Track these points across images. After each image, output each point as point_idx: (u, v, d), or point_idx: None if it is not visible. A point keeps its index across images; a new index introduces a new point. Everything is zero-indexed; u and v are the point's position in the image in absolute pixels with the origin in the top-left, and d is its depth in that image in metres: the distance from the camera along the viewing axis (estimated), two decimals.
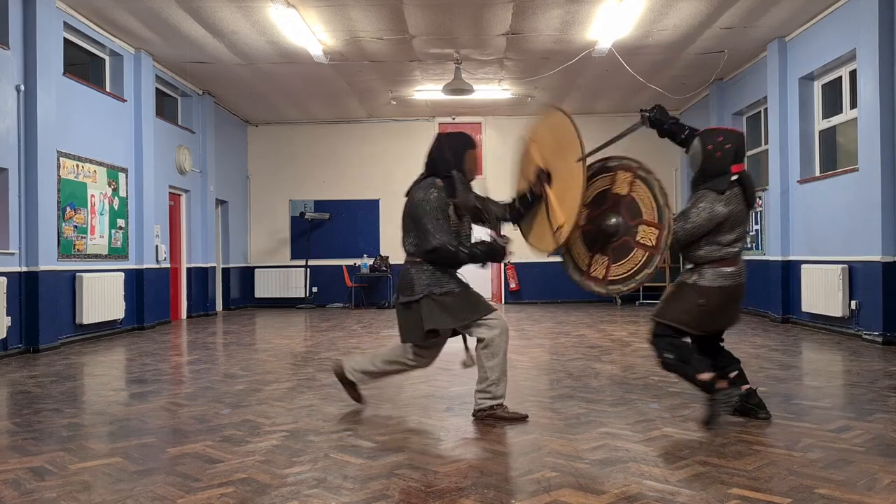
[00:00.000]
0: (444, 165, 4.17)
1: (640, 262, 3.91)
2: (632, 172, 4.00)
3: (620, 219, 3.99)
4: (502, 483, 2.96)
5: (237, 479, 3.04)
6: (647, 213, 3.91)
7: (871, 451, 3.36)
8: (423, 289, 4.04)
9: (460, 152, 4.22)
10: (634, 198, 3.96)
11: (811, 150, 9.43)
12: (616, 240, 3.99)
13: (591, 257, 4.04)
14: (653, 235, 3.87)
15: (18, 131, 7.58)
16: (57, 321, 7.96)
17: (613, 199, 4.01)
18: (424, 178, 4.21)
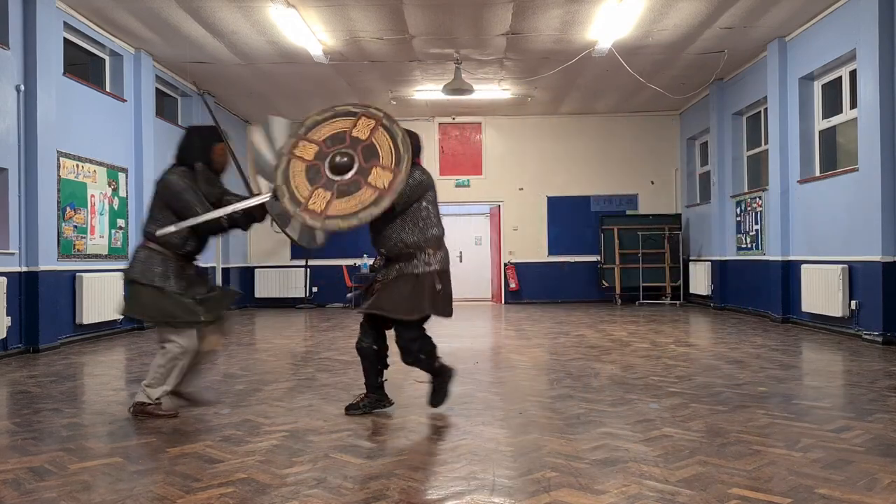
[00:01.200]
0: (190, 157, 4.33)
1: (367, 201, 3.88)
2: (375, 120, 4.03)
3: (354, 158, 3.96)
4: (502, 483, 2.96)
5: (237, 479, 3.04)
6: (385, 159, 3.93)
7: (871, 451, 3.36)
8: (134, 272, 4.17)
9: (208, 144, 4.39)
10: (374, 142, 3.97)
11: (811, 150, 9.43)
12: (345, 178, 3.93)
13: (312, 191, 3.94)
14: (386, 179, 3.89)
15: (18, 131, 7.58)
16: (57, 321, 7.96)
17: (351, 140, 4.01)
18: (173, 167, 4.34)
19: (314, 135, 4.04)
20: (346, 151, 3.97)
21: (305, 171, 4.00)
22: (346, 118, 4.08)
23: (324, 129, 4.04)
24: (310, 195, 3.95)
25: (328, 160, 3.98)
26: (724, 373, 5.67)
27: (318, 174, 3.98)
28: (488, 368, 6.26)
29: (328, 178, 3.95)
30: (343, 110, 4.12)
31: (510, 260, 14.94)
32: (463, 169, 15.10)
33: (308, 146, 4.03)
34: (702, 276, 12.90)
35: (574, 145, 14.89)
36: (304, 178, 3.99)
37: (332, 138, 4.01)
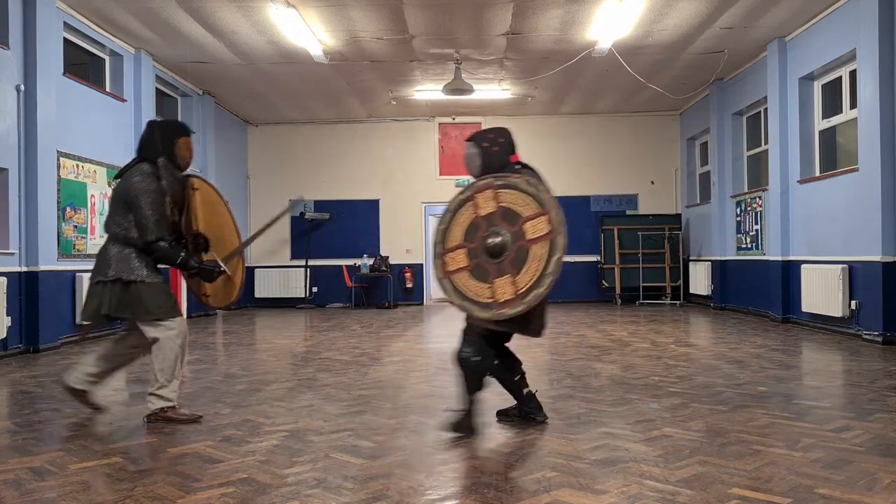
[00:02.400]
0: (152, 151, 4.20)
1: (544, 255, 3.65)
2: (489, 188, 3.80)
3: (502, 232, 3.71)
4: (502, 483, 2.96)
5: (237, 479, 3.04)
6: (527, 210, 3.67)
7: (871, 451, 3.36)
8: (116, 272, 4.06)
9: (170, 139, 4.25)
10: (505, 206, 3.73)
11: (811, 150, 9.43)
12: (508, 253, 3.71)
13: (492, 286, 3.70)
14: (542, 224, 3.65)
15: (18, 131, 7.58)
16: (57, 321, 7.96)
17: (485, 220, 3.79)
18: (136, 163, 4.21)
19: (451, 243, 3.85)
20: (507, 237, 3.71)
21: (469, 222, 3.85)
22: (463, 208, 3.89)
23: (455, 232, 3.84)
24: (455, 248, 3.84)
25: (481, 251, 3.76)
26: (724, 373, 5.67)
27: (473, 235, 3.80)
28: None
29: (496, 265, 3.71)
30: (456, 203, 3.91)
31: None
32: (463, 169, 15.04)
33: (490, 201, 3.79)
34: (702, 276, 12.90)
35: (574, 145, 14.89)
36: (462, 228, 3.86)
37: (509, 212, 3.74)
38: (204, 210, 4.45)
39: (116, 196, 4.15)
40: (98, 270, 4.13)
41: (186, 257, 4.21)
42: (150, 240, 4.05)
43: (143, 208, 4.03)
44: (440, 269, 3.86)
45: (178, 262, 4.16)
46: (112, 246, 4.13)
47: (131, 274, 4.06)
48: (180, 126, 4.35)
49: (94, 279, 4.16)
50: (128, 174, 4.15)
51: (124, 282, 4.06)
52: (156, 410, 4.15)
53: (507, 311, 3.63)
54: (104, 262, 4.11)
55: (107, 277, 4.06)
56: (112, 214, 4.16)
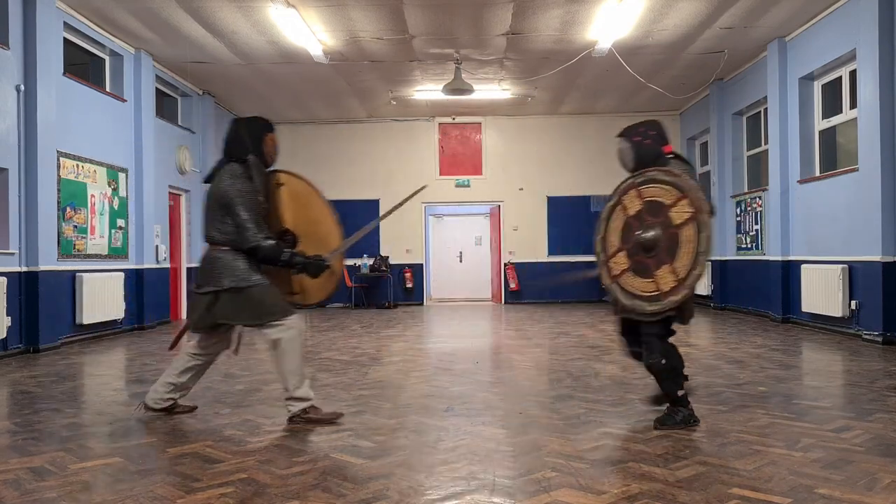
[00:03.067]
0: (240, 150, 4.10)
1: (647, 293, 3.80)
2: (633, 188, 3.91)
3: (659, 242, 3.79)
4: (502, 483, 2.96)
5: (237, 479, 3.04)
6: (680, 262, 3.72)
7: (871, 451, 3.36)
8: (230, 280, 3.96)
9: (259, 136, 4.15)
10: (680, 236, 3.75)
11: (811, 150, 9.43)
12: (662, 243, 3.80)
13: (654, 279, 3.80)
14: (685, 207, 3.72)
15: (18, 131, 7.58)
16: (57, 321, 7.96)
17: (635, 219, 3.89)
18: (225, 164, 4.11)
19: (645, 191, 3.88)
20: (658, 230, 3.79)
21: (623, 225, 3.95)
22: (614, 213, 4.00)
23: (653, 189, 3.85)
24: (615, 253, 3.97)
25: (637, 249, 3.86)
26: (724, 373, 5.66)
27: (628, 236, 3.91)
28: (488, 368, 6.26)
29: (654, 258, 3.81)
30: (607, 211, 4.02)
31: (510, 260, 14.94)
32: (463, 169, 15.10)
33: (636, 200, 3.90)
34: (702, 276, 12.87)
35: (574, 145, 14.89)
36: (618, 233, 3.97)
37: (653, 205, 3.84)
38: (292, 205, 4.29)
39: (212, 201, 4.03)
40: (208, 280, 4.02)
41: (291, 254, 4.05)
42: (254, 242, 3.93)
43: (241, 211, 3.93)
44: (606, 275, 3.98)
45: (283, 260, 4.02)
46: (218, 253, 4.02)
47: (245, 280, 3.97)
48: (265, 122, 4.24)
49: (201, 289, 4.05)
50: (219, 177, 4.04)
51: (238, 289, 3.95)
52: (298, 413, 4.07)
53: (673, 299, 3.73)
54: (213, 270, 4.00)
55: (221, 287, 3.95)
56: (211, 220, 4.04)
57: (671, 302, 3.73)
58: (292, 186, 4.32)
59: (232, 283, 3.96)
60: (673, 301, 3.72)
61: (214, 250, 4.05)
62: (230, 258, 3.99)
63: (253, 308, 3.98)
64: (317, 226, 4.30)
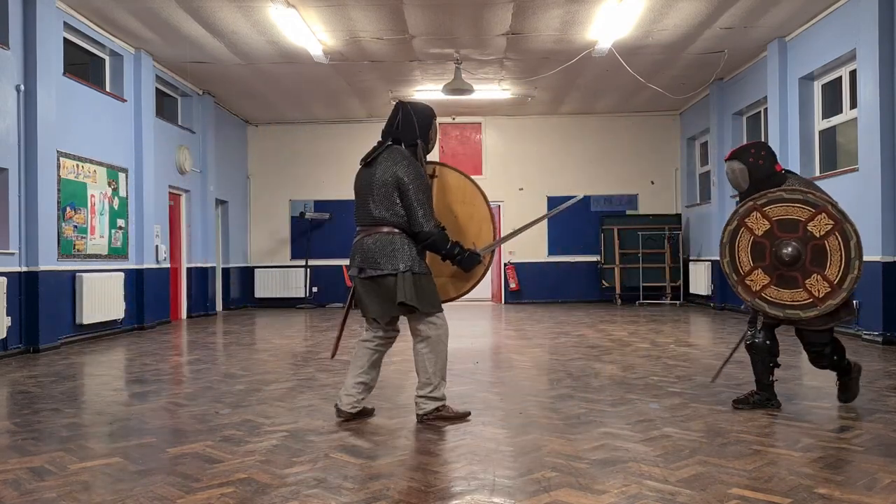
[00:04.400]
0: (412, 134, 4.02)
1: (799, 302, 4.02)
2: (834, 222, 3.96)
3: (801, 255, 3.99)
4: (502, 483, 2.96)
5: (237, 479, 3.04)
6: (831, 270, 3.95)
7: (871, 451, 3.36)
8: (406, 263, 3.84)
9: (427, 124, 4.08)
10: (826, 246, 3.96)
11: (811, 150, 9.43)
12: (805, 257, 3.99)
13: (753, 269, 4.10)
14: (824, 220, 3.95)
15: (18, 131, 7.58)
16: (57, 321, 7.96)
17: (804, 233, 4.00)
18: (390, 146, 4.01)
19: (770, 210, 4.06)
20: (796, 245, 4.00)
21: (751, 244, 4.12)
22: (738, 236, 4.15)
23: (780, 209, 4.04)
24: (750, 271, 4.14)
25: (776, 245, 4.04)
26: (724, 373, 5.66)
27: (762, 255, 4.10)
28: (488, 368, 6.26)
29: (771, 263, 4.06)
30: (728, 235, 4.18)
31: (510, 260, 14.94)
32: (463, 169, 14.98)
33: (761, 220, 4.09)
34: (702, 276, 12.90)
35: (574, 145, 14.89)
36: (748, 252, 4.14)
37: (784, 222, 4.03)
38: (443, 197, 4.21)
39: (382, 183, 3.87)
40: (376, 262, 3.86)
41: (455, 244, 3.96)
42: (426, 227, 3.84)
43: (415, 195, 3.83)
44: (746, 293, 4.17)
45: (447, 249, 3.93)
46: (391, 236, 3.88)
47: (419, 265, 3.88)
48: (431, 109, 4.16)
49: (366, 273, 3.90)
50: (389, 158, 3.92)
51: (414, 273, 3.85)
52: (429, 411, 4.03)
53: (831, 302, 3.97)
54: (385, 252, 3.85)
55: (396, 270, 3.82)
56: (381, 202, 3.88)
57: (829, 305, 3.96)
58: (444, 180, 4.28)
59: (407, 266, 3.84)
60: (832, 304, 3.96)
61: (380, 231, 3.90)
62: (404, 241, 3.88)
63: (425, 296, 3.88)
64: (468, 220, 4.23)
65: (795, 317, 4.05)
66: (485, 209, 4.29)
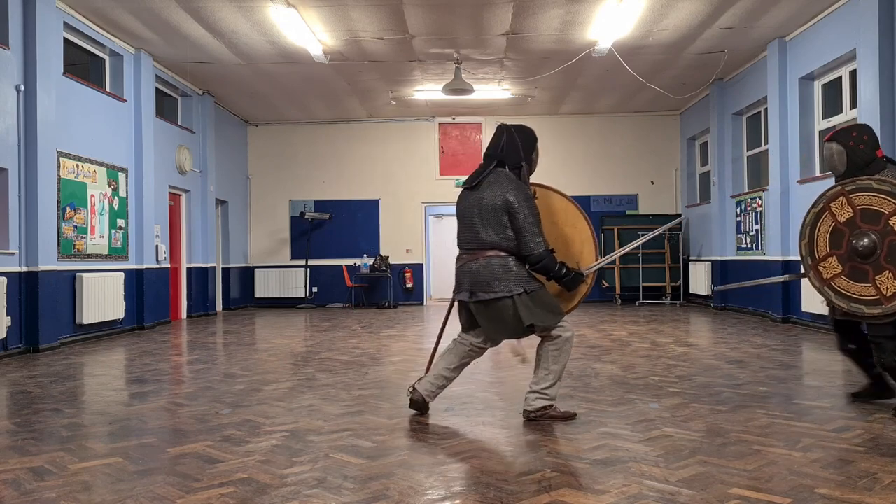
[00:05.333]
0: (516, 157, 4.06)
1: (865, 297, 3.91)
2: (841, 195, 3.94)
3: (878, 248, 3.85)
4: (502, 483, 2.96)
5: (237, 479, 3.04)
6: (887, 207, 3.82)
7: (871, 451, 3.36)
8: (518, 284, 3.91)
9: (531, 146, 4.13)
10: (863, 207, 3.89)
11: (811, 150, 9.43)
12: (860, 262, 3.91)
13: (829, 255, 4.02)
14: (893, 288, 3.80)
15: (18, 131, 7.58)
16: (57, 321, 7.96)
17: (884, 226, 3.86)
18: (495, 168, 4.04)
19: (856, 199, 3.95)
20: (874, 237, 3.87)
21: (831, 230, 4.04)
22: (820, 220, 4.07)
23: (866, 198, 3.91)
24: (825, 257, 4.07)
25: (854, 234, 3.94)
26: (724, 373, 5.67)
27: (839, 242, 4.01)
28: (488, 368, 6.26)
29: (847, 252, 3.96)
30: (812, 217, 4.11)
31: None
32: (463, 169, 15.08)
33: (845, 207, 3.99)
34: (702, 276, 12.90)
35: (574, 145, 14.89)
36: (826, 238, 4.07)
37: (867, 213, 3.90)
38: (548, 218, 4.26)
39: (492, 207, 3.93)
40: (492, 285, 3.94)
41: (562, 265, 4.03)
42: (539, 251, 3.90)
43: (526, 219, 3.90)
44: (817, 279, 4.09)
45: (556, 271, 3.99)
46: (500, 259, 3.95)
47: (531, 283, 3.97)
48: (534, 132, 4.23)
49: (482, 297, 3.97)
50: (496, 182, 3.97)
51: (528, 293, 3.93)
52: (538, 408, 4.07)
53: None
54: (502, 276, 3.93)
55: (511, 293, 3.91)
56: (489, 226, 3.95)
57: (893, 307, 3.82)
58: (548, 200, 4.33)
59: (522, 288, 3.92)
60: (894, 307, 3.81)
61: (489, 256, 3.97)
62: (513, 263, 3.95)
63: (545, 310, 3.97)
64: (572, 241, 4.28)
65: (859, 311, 3.95)
66: (587, 231, 4.30)
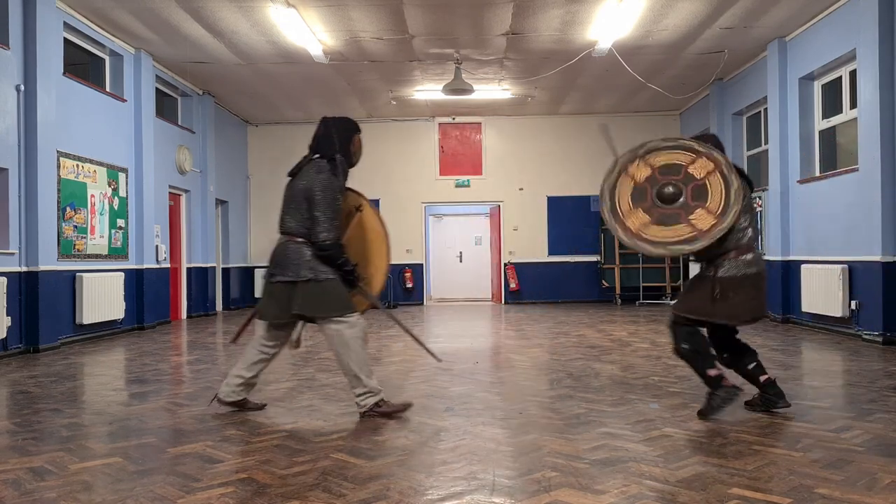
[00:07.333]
0: (330, 148, 4.21)
1: (682, 236, 4.03)
2: (715, 164, 4.07)
3: (683, 192, 4.07)
4: (502, 483, 2.96)
5: (237, 479, 3.04)
6: (712, 203, 4.00)
7: (871, 451, 3.36)
8: (308, 271, 4.02)
9: (348, 136, 4.29)
10: (707, 184, 4.05)
11: (811, 150, 9.43)
12: (668, 208, 4.08)
13: (633, 209, 4.14)
14: (708, 223, 3.98)
15: (18, 131, 7.58)
16: (57, 321, 7.96)
17: (685, 175, 4.11)
18: (312, 160, 4.21)
19: (652, 159, 4.17)
20: (677, 184, 4.09)
21: (632, 190, 4.18)
22: (686, 152, 4.17)
23: (662, 157, 4.15)
24: (628, 211, 4.18)
25: (657, 187, 4.12)
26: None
27: (643, 196, 4.16)
28: (488, 368, 6.26)
29: (652, 203, 4.12)
30: (687, 145, 4.20)
31: (510, 260, 14.94)
32: (463, 169, 15.10)
33: (643, 168, 4.18)
34: None
35: (574, 145, 14.89)
36: (628, 196, 4.19)
37: (667, 167, 4.13)
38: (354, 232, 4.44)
39: (297, 193, 4.11)
40: (284, 269, 4.08)
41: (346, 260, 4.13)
42: (328, 238, 4.02)
43: (324, 206, 4.03)
44: (625, 234, 4.15)
45: (340, 263, 4.10)
46: (297, 245, 4.09)
47: (323, 272, 4.03)
48: (354, 123, 4.39)
49: (275, 278, 4.11)
50: (307, 170, 4.13)
51: (316, 280, 4.02)
52: (371, 406, 4.14)
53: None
54: (291, 261, 4.07)
55: (298, 277, 4.01)
56: (292, 212, 4.14)
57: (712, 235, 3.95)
58: (366, 218, 4.49)
59: (311, 274, 4.02)
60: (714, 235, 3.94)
61: (291, 241, 4.13)
62: (307, 250, 4.07)
63: (330, 301, 4.04)
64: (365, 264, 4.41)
65: (679, 252, 4.08)
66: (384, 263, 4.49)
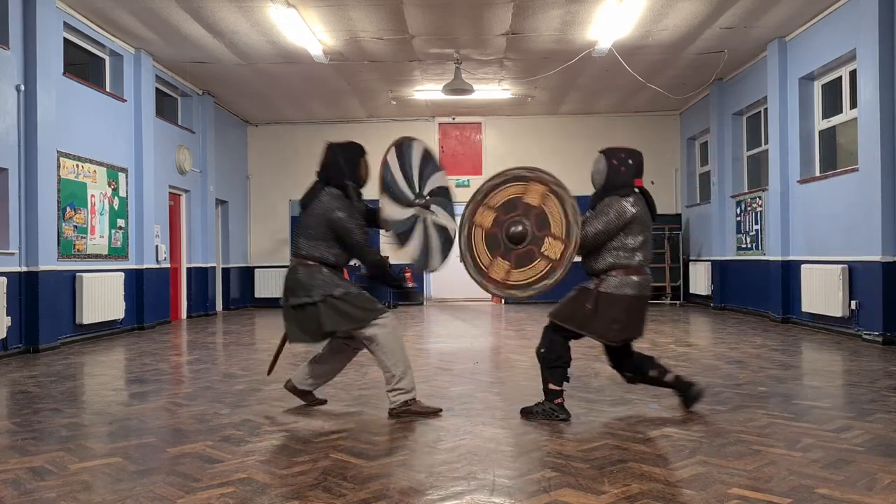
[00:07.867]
0: (339, 177, 4.28)
1: (540, 273, 4.00)
2: (546, 186, 4.04)
3: (528, 227, 4.03)
4: (502, 483, 2.96)
5: (237, 479, 3.04)
6: (556, 228, 3.98)
7: (871, 451, 3.36)
8: (321, 291, 4.10)
9: (356, 162, 4.36)
10: (545, 210, 4.02)
11: (811, 150, 9.43)
12: (521, 247, 4.04)
13: (492, 260, 4.09)
14: (557, 249, 3.97)
15: (18, 131, 7.58)
16: (57, 321, 7.95)
17: (524, 207, 4.06)
18: (323, 188, 4.27)
19: (491, 201, 4.13)
20: (519, 220, 4.05)
21: (485, 238, 4.15)
22: (517, 183, 4.14)
23: (499, 195, 4.12)
24: (490, 263, 4.13)
25: (505, 228, 4.08)
26: (724, 373, 5.67)
27: (496, 243, 4.12)
28: (488, 368, 6.26)
29: (506, 247, 4.08)
30: (514, 174, 4.16)
31: None
32: (463, 169, 15.09)
33: (487, 213, 4.14)
34: (702, 276, 12.90)
35: (574, 145, 14.87)
36: (484, 247, 4.16)
37: (506, 205, 4.10)
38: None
39: (313, 219, 4.17)
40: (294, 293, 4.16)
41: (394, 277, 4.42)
42: (373, 260, 4.23)
43: (354, 235, 4.13)
44: (495, 287, 4.14)
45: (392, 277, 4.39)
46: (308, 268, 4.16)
47: (337, 288, 4.12)
48: (359, 147, 4.45)
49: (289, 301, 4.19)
50: (323, 201, 4.19)
51: (332, 297, 4.10)
52: (400, 404, 4.18)
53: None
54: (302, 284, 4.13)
55: (311, 299, 4.10)
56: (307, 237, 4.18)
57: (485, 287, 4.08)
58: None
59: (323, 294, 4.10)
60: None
61: (302, 264, 4.19)
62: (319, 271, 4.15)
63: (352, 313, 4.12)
64: None
65: (545, 288, 4.03)
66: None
